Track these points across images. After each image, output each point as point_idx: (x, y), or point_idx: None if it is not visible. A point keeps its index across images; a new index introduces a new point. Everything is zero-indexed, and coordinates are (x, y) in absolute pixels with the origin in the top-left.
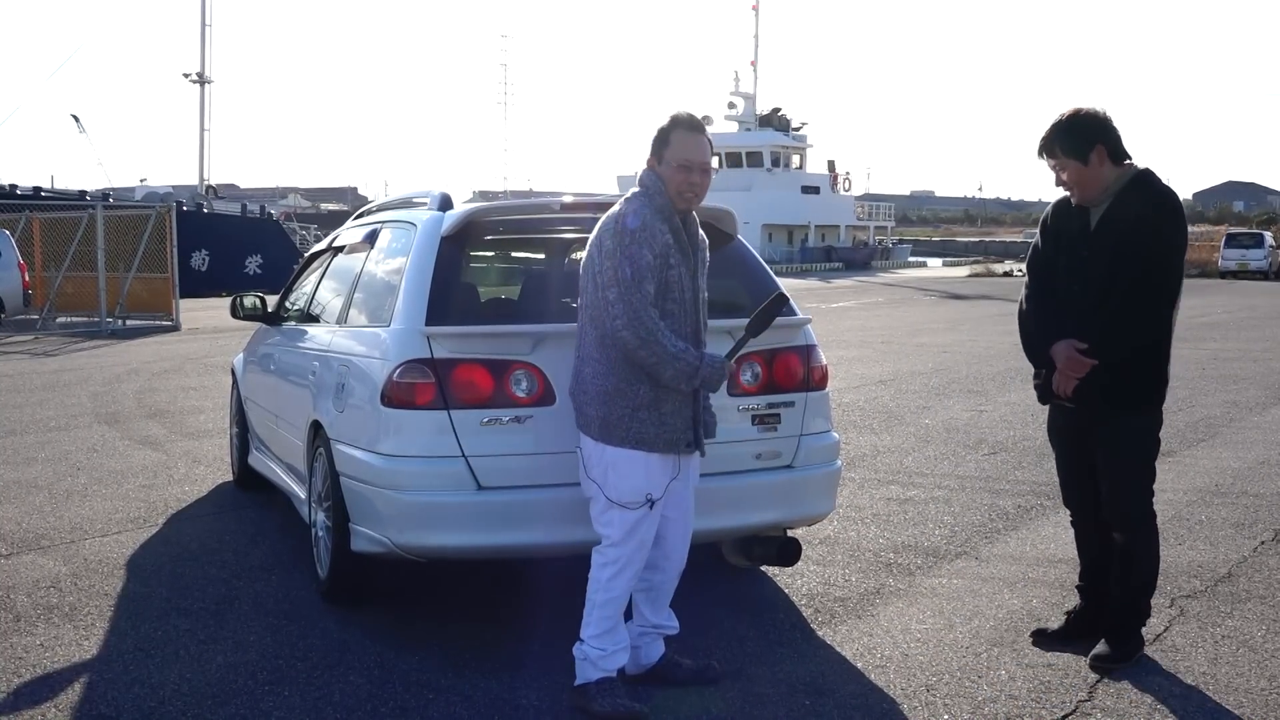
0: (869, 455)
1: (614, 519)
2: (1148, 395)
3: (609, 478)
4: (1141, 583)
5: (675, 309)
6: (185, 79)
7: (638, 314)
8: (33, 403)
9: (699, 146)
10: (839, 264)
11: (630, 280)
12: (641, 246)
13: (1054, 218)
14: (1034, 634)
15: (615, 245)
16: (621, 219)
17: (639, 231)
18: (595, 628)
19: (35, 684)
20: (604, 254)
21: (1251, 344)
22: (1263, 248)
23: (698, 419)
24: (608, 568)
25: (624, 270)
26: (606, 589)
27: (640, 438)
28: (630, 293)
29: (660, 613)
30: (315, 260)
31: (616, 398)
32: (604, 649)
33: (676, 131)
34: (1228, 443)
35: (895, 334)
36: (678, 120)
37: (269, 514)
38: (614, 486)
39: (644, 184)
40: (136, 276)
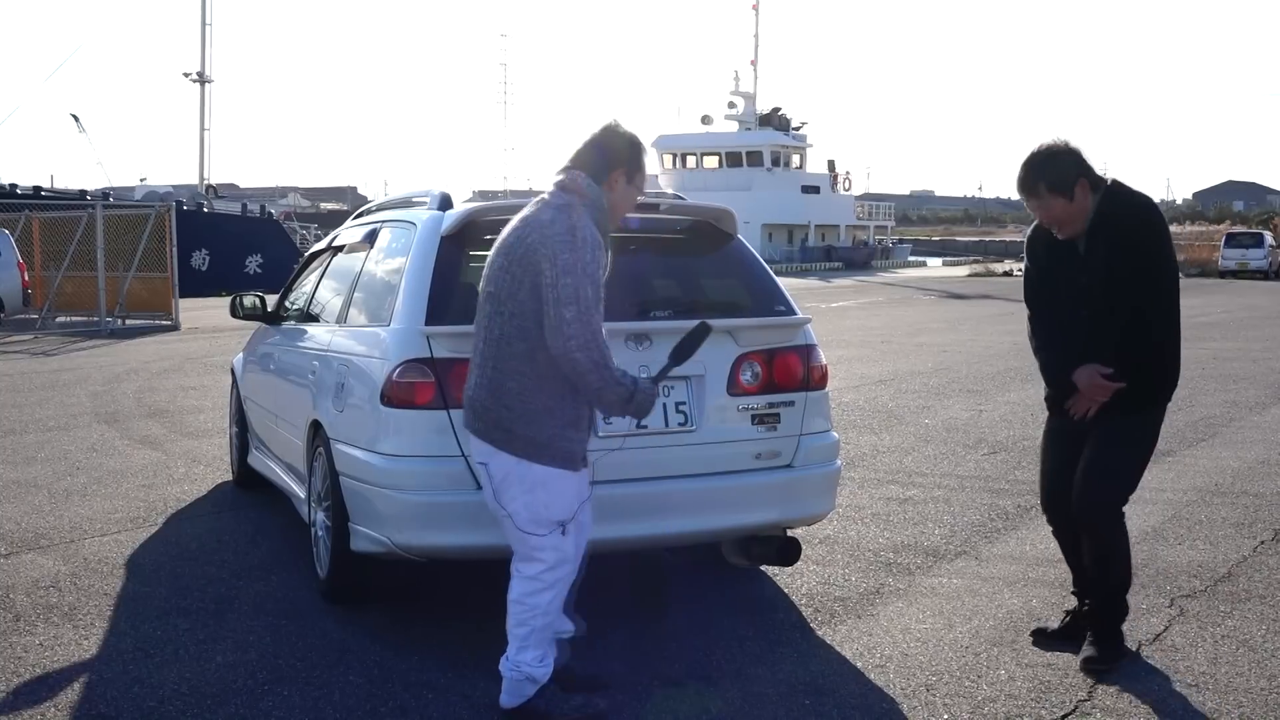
0: (869, 455)
1: (544, 544)
2: (1153, 396)
3: (536, 497)
4: (1120, 583)
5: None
6: (185, 78)
7: (595, 337)
8: (32, 402)
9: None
10: (839, 264)
11: (590, 301)
12: (597, 266)
13: (1042, 247)
14: (1034, 633)
15: (575, 260)
16: (578, 231)
17: (596, 250)
18: (534, 649)
19: (35, 684)
20: (561, 268)
21: (1251, 344)
22: (1263, 247)
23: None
24: (545, 593)
25: (585, 290)
26: (546, 612)
27: (569, 456)
28: (588, 314)
29: (561, 619)
30: (315, 260)
31: (546, 416)
32: (547, 664)
33: (646, 158)
34: (1228, 442)
35: (895, 334)
36: (644, 145)
37: (269, 514)
38: (542, 506)
39: (585, 193)
40: (136, 276)
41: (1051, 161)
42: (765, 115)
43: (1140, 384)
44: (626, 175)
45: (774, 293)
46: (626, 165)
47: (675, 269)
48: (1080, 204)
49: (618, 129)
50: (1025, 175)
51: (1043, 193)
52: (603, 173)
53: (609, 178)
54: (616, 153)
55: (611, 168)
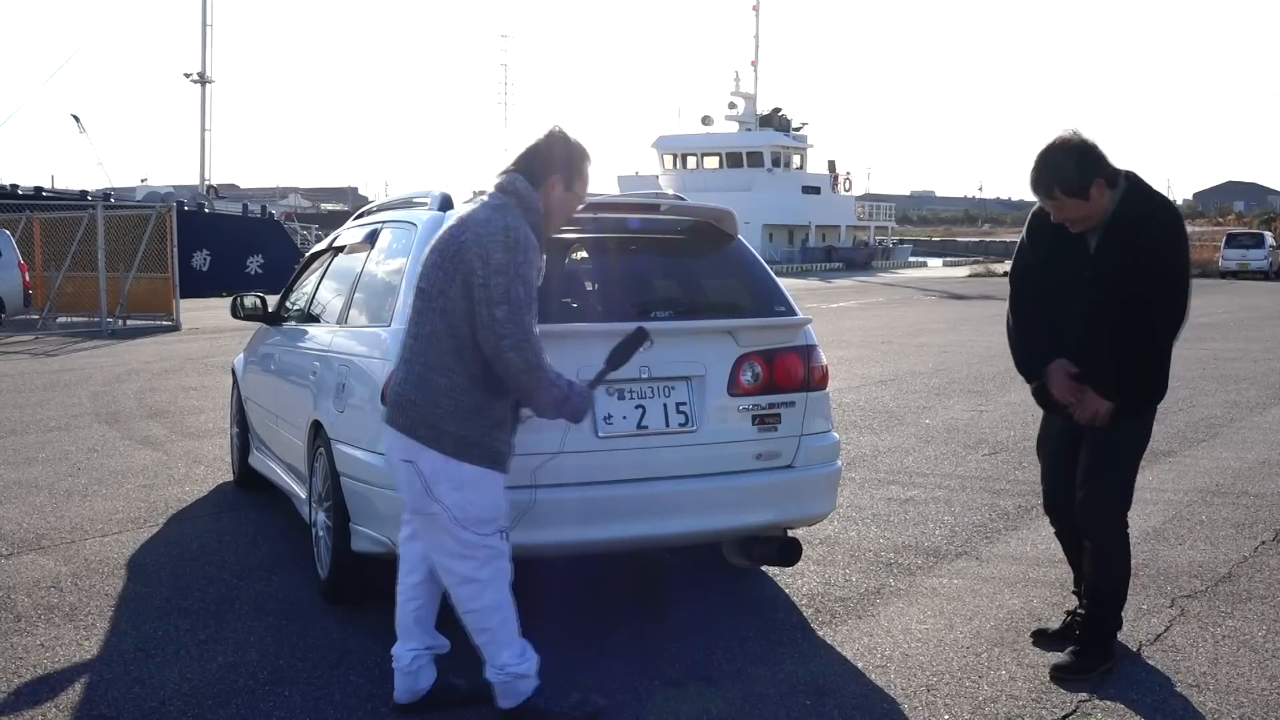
0: (869, 455)
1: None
2: (1141, 399)
3: (465, 495)
4: (1112, 591)
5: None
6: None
7: (529, 336)
8: (33, 403)
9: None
10: (839, 264)
11: (523, 301)
12: (530, 266)
13: (1048, 233)
14: (1034, 634)
15: (507, 260)
16: (511, 231)
17: (529, 251)
18: (509, 647)
19: (35, 684)
20: (493, 267)
21: (1251, 344)
22: (1263, 248)
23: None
24: (488, 590)
25: (516, 290)
26: (498, 608)
27: (496, 456)
28: (522, 314)
29: (430, 632)
30: (315, 260)
31: (476, 415)
32: (525, 657)
33: (588, 165)
34: (1228, 443)
35: (895, 334)
36: (588, 153)
37: (269, 514)
38: (470, 505)
39: (521, 195)
40: (137, 276)
41: (1066, 162)
42: (766, 116)
43: (1135, 386)
44: (564, 182)
45: (774, 293)
46: (564, 172)
47: (675, 269)
48: (1096, 203)
49: (560, 135)
50: (1038, 176)
51: (1057, 194)
52: (540, 177)
53: (546, 182)
54: (555, 159)
55: (549, 173)
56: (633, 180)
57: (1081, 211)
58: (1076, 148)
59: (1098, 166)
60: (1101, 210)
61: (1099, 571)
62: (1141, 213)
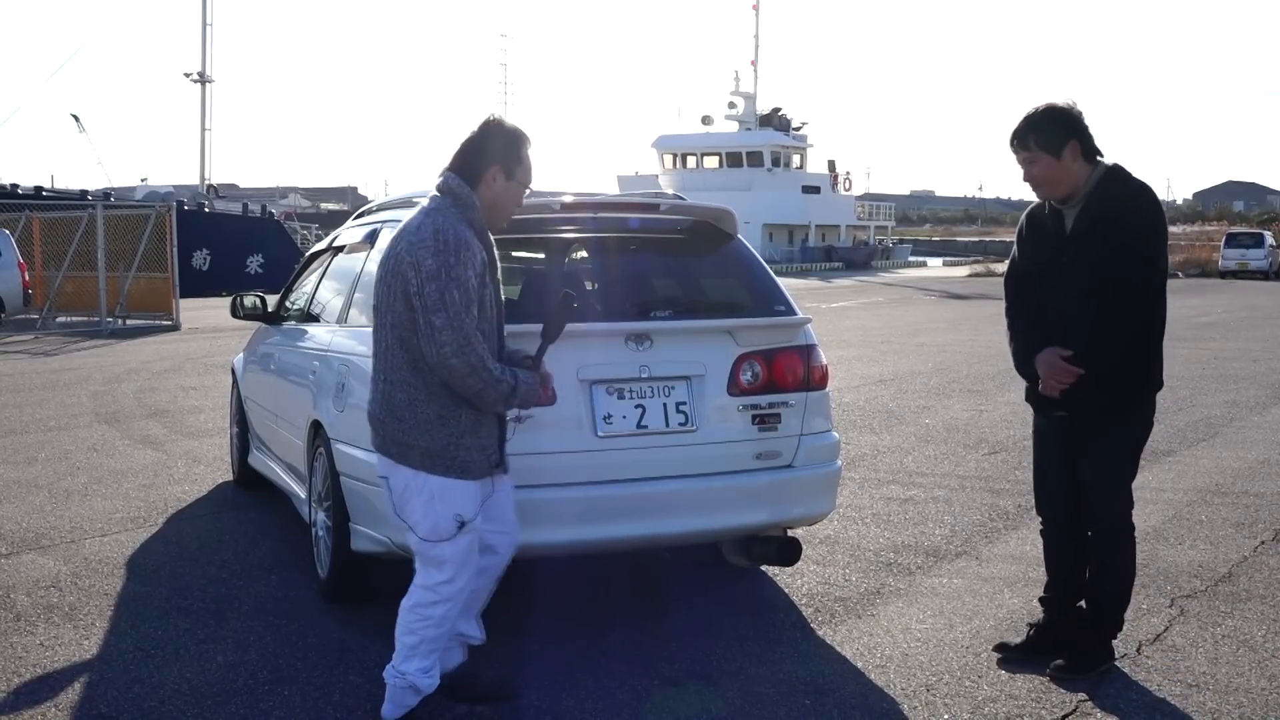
0: (869, 455)
1: (444, 554)
2: (1135, 398)
3: (432, 507)
4: (1118, 592)
5: (485, 327)
6: (186, 79)
7: (468, 340)
8: (33, 402)
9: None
10: (839, 264)
11: (460, 305)
12: (466, 268)
13: (1029, 226)
14: (997, 648)
15: (439, 266)
16: (441, 235)
17: (462, 251)
18: (425, 658)
19: (35, 684)
20: (425, 275)
21: (1251, 344)
22: (1263, 247)
23: (503, 438)
24: (440, 605)
25: (451, 295)
26: (439, 624)
27: (465, 466)
28: (459, 319)
29: (470, 622)
30: (315, 260)
31: (439, 426)
32: (428, 669)
33: (527, 148)
34: (1228, 442)
35: (895, 334)
36: (526, 136)
37: (269, 514)
38: (435, 515)
39: (455, 194)
40: (136, 276)
41: (1047, 118)
42: (765, 115)
43: (1118, 380)
44: (504, 171)
45: (774, 293)
46: (502, 161)
47: (675, 269)
48: (1067, 165)
49: (495, 124)
50: (1019, 127)
51: (1031, 146)
52: (479, 171)
53: (485, 175)
54: (492, 149)
55: (487, 165)
56: (633, 180)
57: (1050, 171)
58: (1060, 109)
59: (1075, 130)
60: (1072, 178)
61: (1107, 573)
62: (1117, 195)
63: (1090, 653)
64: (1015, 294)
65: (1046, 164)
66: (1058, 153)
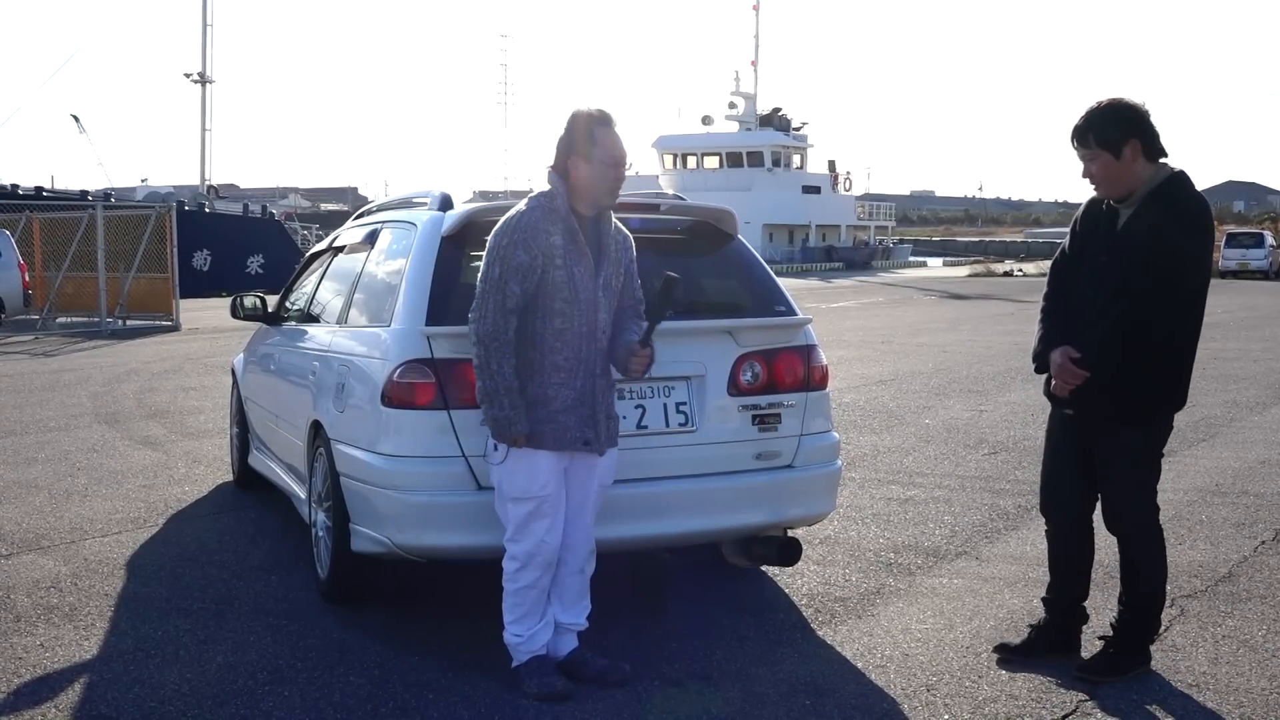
0: (869, 455)
1: (507, 514)
2: (1156, 409)
3: (498, 475)
4: (1149, 591)
5: (565, 308)
6: (186, 79)
7: (488, 312)
8: (33, 403)
9: (619, 141)
10: (839, 264)
11: (496, 279)
12: (517, 248)
13: (1084, 219)
14: (997, 648)
15: (495, 243)
16: (510, 219)
17: (519, 231)
18: (509, 614)
19: (35, 684)
20: (487, 252)
21: (1251, 343)
22: (1263, 247)
23: (596, 419)
24: (512, 561)
25: (493, 269)
26: (513, 580)
27: (534, 435)
28: (491, 290)
29: (568, 610)
30: (315, 260)
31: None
32: (521, 634)
33: (601, 129)
34: (1228, 442)
35: (895, 334)
36: (597, 116)
37: (269, 514)
38: (504, 481)
39: (550, 186)
40: (136, 276)
41: (1109, 115)
42: (766, 115)
43: (1141, 392)
44: (583, 157)
45: (774, 293)
46: (579, 148)
47: (675, 269)
48: (1127, 165)
49: (573, 116)
50: (1080, 123)
51: (1091, 143)
52: (564, 163)
53: (569, 165)
54: (572, 141)
55: (568, 156)
56: (633, 180)
57: (1109, 170)
58: (1125, 106)
59: (1138, 128)
60: (1129, 177)
61: (1139, 576)
62: (1171, 205)
63: (1127, 655)
64: (1054, 284)
65: (1105, 162)
66: (1118, 151)
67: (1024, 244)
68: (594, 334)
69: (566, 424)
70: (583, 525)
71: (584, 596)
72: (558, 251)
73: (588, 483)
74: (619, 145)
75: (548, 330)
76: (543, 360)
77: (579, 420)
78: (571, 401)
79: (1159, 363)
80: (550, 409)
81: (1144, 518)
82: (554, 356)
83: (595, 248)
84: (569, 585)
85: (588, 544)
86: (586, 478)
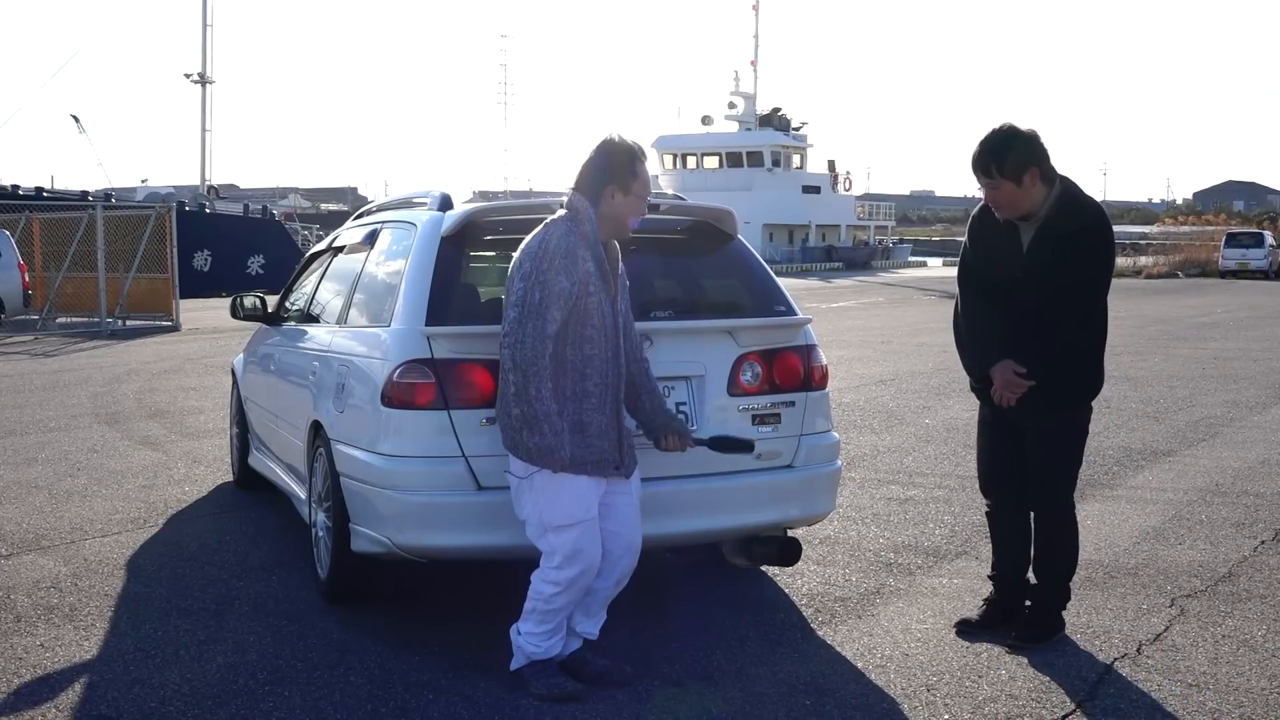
0: (869, 455)
1: (553, 544)
2: (1081, 397)
3: (539, 501)
4: (1065, 567)
5: (595, 334)
6: (186, 79)
7: (526, 337)
8: (33, 403)
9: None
10: (839, 264)
11: (537, 305)
12: (560, 274)
13: (981, 227)
14: (958, 624)
15: (533, 267)
16: (545, 244)
17: (561, 258)
18: (534, 627)
19: (35, 684)
20: (519, 275)
21: (1251, 343)
22: (1263, 247)
23: (622, 441)
24: (551, 586)
25: (533, 295)
26: (549, 602)
27: (568, 462)
28: (530, 315)
29: (588, 620)
30: (315, 260)
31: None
32: (539, 646)
33: (641, 164)
34: (1228, 442)
35: (895, 334)
36: (639, 152)
37: (269, 514)
38: (545, 510)
39: (574, 209)
40: (136, 277)
41: (1006, 145)
42: (765, 115)
43: (1071, 385)
44: (621, 188)
45: (774, 293)
46: (618, 179)
47: (675, 269)
48: (1028, 192)
49: (610, 145)
50: (979, 155)
51: (994, 174)
52: (598, 190)
53: (604, 193)
54: (608, 169)
55: (605, 184)
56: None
57: (1013, 197)
58: (1018, 135)
59: (1035, 157)
60: (1031, 202)
61: (1055, 549)
62: (1075, 213)
63: (1045, 623)
64: (971, 294)
65: (1009, 190)
66: (1019, 180)
67: None
68: (617, 359)
69: (603, 449)
70: (627, 538)
71: (604, 608)
72: (592, 278)
73: (631, 498)
74: (649, 183)
75: (579, 357)
76: (574, 387)
77: (611, 445)
78: (604, 427)
79: (1084, 360)
80: (586, 434)
81: (1067, 500)
82: (584, 383)
83: (612, 274)
84: (601, 597)
85: (631, 558)
86: (629, 494)
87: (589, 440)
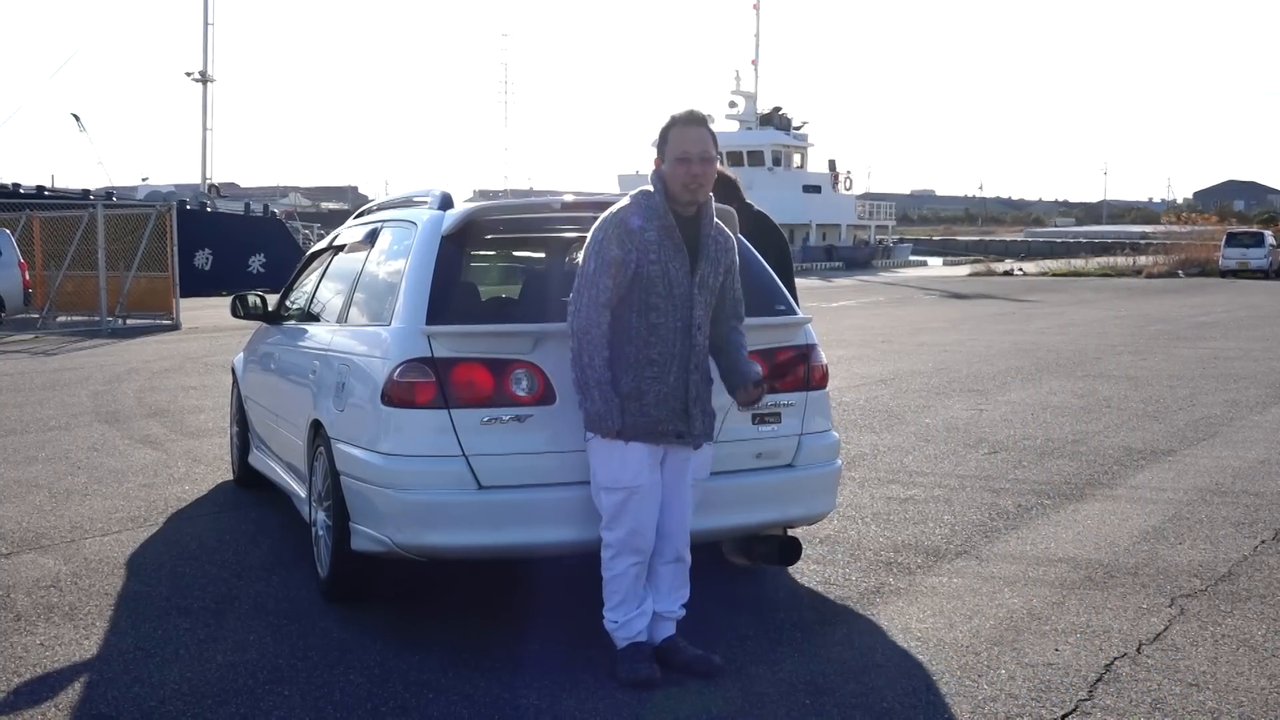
0: (869, 454)
1: (603, 503)
2: None
3: (594, 462)
4: None
5: (661, 303)
6: (187, 78)
7: (582, 306)
8: (33, 402)
9: (695, 138)
10: (840, 263)
11: (591, 274)
12: (611, 243)
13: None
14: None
15: (592, 239)
16: (609, 215)
17: (614, 226)
18: (607, 601)
19: (35, 684)
20: (586, 246)
21: (1252, 343)
22: (1263, 247)
23: (690, 411)
24: (606, 549)
25: (589, 264)
26: (609, 568)
27: (620, 427)
28: (586, 285)
29: (663, 599)
30: (316, 259)
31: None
32: (617, 620)
33: (674, 129)
34: (1228, 442)
35: (896, 333)
36: (675, 118)
37: (269, 513)
38: (598, 471)
39: (648, 184)
40: (137, 275)
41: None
42: (766, 115)
43: None
44: (664, 158)
45: (774, 292)
46: (660, 149)
47: None
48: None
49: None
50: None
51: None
52: (659, 165)
53: (661, 167)
54: (659, 145)
55: (660, 157)
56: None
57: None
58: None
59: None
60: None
61: None
62: None
63: None
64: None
65: None
66: None
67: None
68: (689, 329)
69: (659, 417)
70: (677, 515)
71: (680, 586)
72: (652, 246)
73: (682, 474)
74: (687, 142)
75: (643, 324)
76: (637, 354)
77: (671, 414)
78: (664, 395)
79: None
80: (643, 403)
81: None
82: (648, 351)
83: (692, 245)
84: (663, 575)
85: (682, 534)
86: (681, 469)
87: (645, 408)
